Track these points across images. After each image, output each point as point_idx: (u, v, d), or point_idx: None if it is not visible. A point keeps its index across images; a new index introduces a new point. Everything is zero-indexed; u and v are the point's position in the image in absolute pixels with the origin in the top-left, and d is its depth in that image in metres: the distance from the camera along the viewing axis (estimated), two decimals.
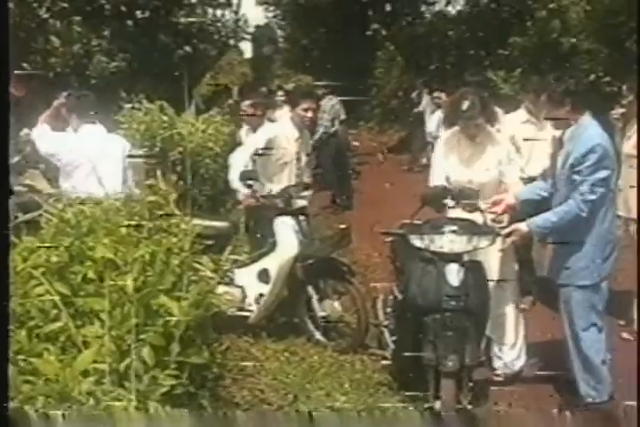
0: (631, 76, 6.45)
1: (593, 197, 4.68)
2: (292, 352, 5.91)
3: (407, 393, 5.04)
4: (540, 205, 5.12)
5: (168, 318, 2.98)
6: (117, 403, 2.37)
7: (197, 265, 3.57)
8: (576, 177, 4.73)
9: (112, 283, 3.01)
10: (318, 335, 6.14)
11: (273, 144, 6.54)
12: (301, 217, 6.24)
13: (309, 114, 6.62)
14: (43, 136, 6.14)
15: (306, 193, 6.65)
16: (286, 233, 6.08)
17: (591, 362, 4.94)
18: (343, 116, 13.42)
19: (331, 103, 13.12)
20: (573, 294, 4.92)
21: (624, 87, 6.43)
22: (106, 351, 2.65)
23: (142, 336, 2.86)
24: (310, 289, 6.07)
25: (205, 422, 2.62)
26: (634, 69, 11.35)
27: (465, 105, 5.17)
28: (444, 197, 5.11)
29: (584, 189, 4.68)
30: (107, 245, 3.29)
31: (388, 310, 5.64)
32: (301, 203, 6.51)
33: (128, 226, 3.64)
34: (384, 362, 5.45)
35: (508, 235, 4.94)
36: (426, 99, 15.41)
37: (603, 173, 4.69)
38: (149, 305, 3.01)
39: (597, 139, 4.76)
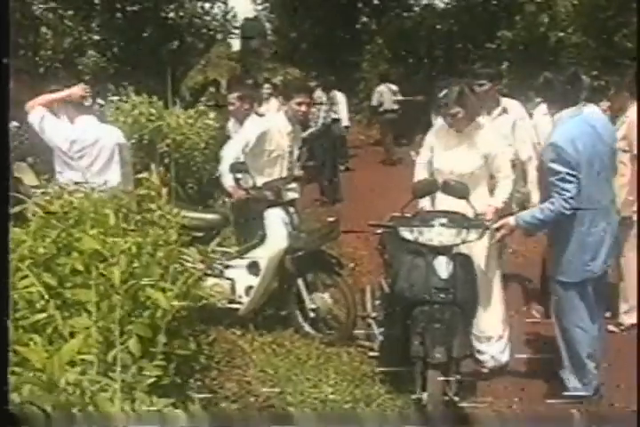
0: (616, 69, 6.47)
1: (570, 193, 4.70)
2: (280, 344, 5.92)
3: (394, 385, 5.08)
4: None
5: (154, 310, 2.99)
6: (103, 393, 2.39)
7: (184, 256, 3.58)
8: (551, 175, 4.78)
9: (99, 274, 3.02)
10: (308, 328, 6.16)
11: (265, 138, 6.57)
12: (291, 209, 6.26)
13: (303, 108, 6.64)
14: (47, 120, 6.06)
15: (295, 185, 6.67)
16: (276, 225, 6.08)
17: (576, 356, 4.99)
18: (344, 111, 13.54)
19: (327, 97, 13.18)
20: (560, 289, 4.97)
21: (610, 80, 6.42)
22: (92, 342, 2.66)
23: (129, 327, 2.87)
24: (300, 282, 6.09)
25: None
26: (619, 63, 11.44)
27: (442, 93, 5.25)
28: (433, 191, 5.16)
29: (562, 187, 4.71)
30: (94, 237, 3.30)
31: (377, 302, 5.68)
32: (291, 195, 6.53)
33: (116, 218, 3.64)
34: (371, 354, 5.48)
35: (498, 229, 4.97)
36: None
37: (566, 171, 4.70)
38: (136, 296, 3.02)
39: (558, 137, 4.79)
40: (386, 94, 16.45)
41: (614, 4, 12.60)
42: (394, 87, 16.68)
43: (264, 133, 6.54)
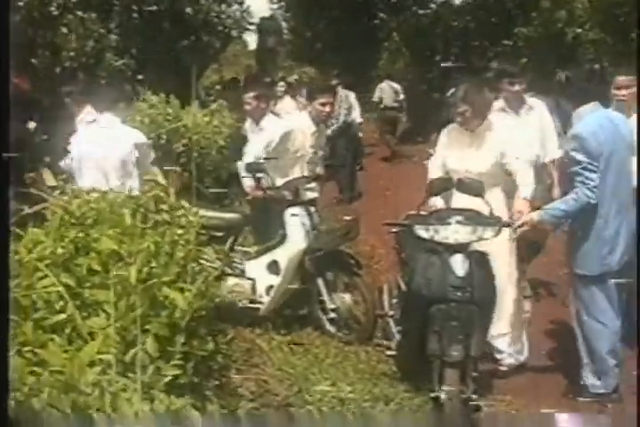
0: (629, 66, 6.40)
1: (594, 183, 4.77)
2: (298, 343, 5.93)
3: (412, 383, 5.07)
4: None
5: (172, 310, 2.99)
6: (122, 393, 2.40)
7: (203, 256, 3.59)
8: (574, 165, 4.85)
9: (116, 274, 3.02)
10: (330, 327, 6.16)
11: (289, 138, 6.60)
12: (311, 209, 6.25)
13: (327, 108, 6.66)
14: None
15: (314, 185, 6.67)
16: (296, 225, 6.08)
17: (596, 352, 4.97)
18: (357, 108, 13.50)
19: (345, 95, 13.20)
20: (579, 283, 4.96)
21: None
22: (111, 342, 2.67)
23: (147, 327, 2.88)
24: (320, 281, 6.08)
25: None
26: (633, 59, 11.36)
27: (449, 92, 5.25)
28: (448, 188, 5.14)
29: (587, 176, 4.77)
30: (111, 237, 3.31)
31: (394, 300, 5.66)
32: (311, 195, 6.53)
33: (133, 218, 3.65)
34: (389, 352, 5.46)
35: (521, 225, 4.95)
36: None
37: (590, 162, 4.80)
38: (154, 296, 3.03)
39: (581, 128, 4.93)
40: (386, 91, 16.57)
41: (630, 0, 12.53)
42: (395, 85, 16.79)
43: (287, 133, 6.57)
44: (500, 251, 5.22)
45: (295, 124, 6.72)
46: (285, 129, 6.61)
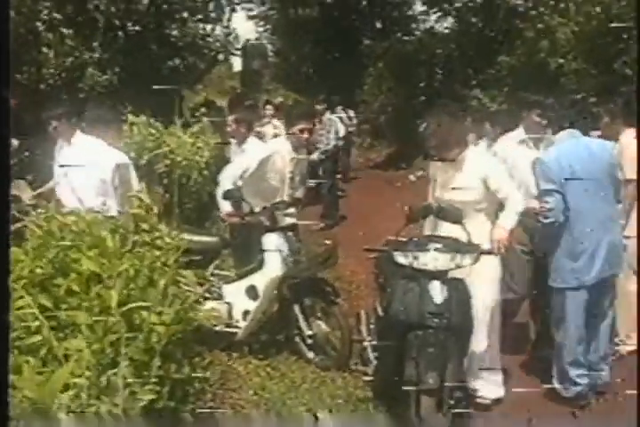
0: (610, 97, 6.49)
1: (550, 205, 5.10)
2: (274, 368, 5.90)
3: (389, 410, 5.04)
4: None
5: (150, 333, 2.97)
6: (95, 417, 2.37)
7: (181, 279, 3.57)
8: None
9: (95, 296, 3.00)
10: (308, 353, 6.13)
11: (267, 163, 6.54)
12: (290, 234, 6.24)
13: (306, 134, 6.61)
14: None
15: (292, 210, 6.64)
16: (273, 251, 6.05)
17: (561, 362, 5.24)
18: (342, 133, 13.53)
19: (332, 120, 13.27)
20: (551, 295, 5.29)
21: (601, 110, 6.44)
22: (86, 365, 2.65)
23: (124, 350, 2.85)
24: (296, 308, 6.06)
25: None
26: (616, 91, 11.48)
27: (422, 127, 5.24)
28: (427, 215, 5.15)
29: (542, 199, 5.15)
30: (92, 258, 3.29)
31: (372, 326, 5.64)
32: (290, 220, 6.50)
33: (113, 239, 3.63)
34: (366, 378, 5.44)
35: (495, 247, 4.95)
36: None
37: (546, 186, 5.15)
38: (132, 319, 3.01)
39: (545, 153, 5.40)
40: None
41: (614, 31, 12.65)
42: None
43: (266, 159, 6.52)
44: (479, 278, 5.19)
45: (274, 149, 6.69)
46: (264, 154, 6.58)
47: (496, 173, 5.28)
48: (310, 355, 6.10)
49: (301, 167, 6.95)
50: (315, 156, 12.59)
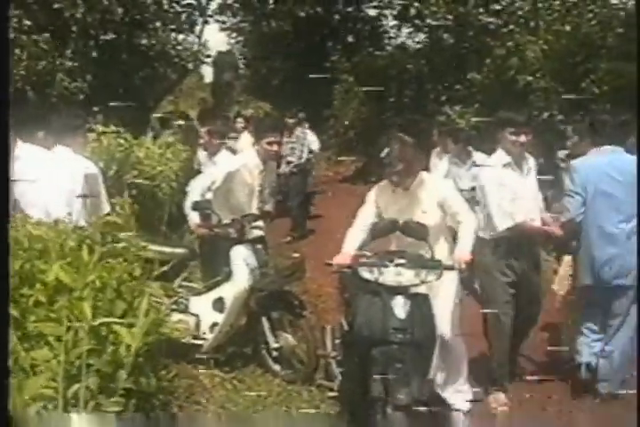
0: (577, 117, 6.63)
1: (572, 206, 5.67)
2: (240, 380, 5.88)
3: (354, 425, 5.02)
4: None
5: (118, 345, 2.96)
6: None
7: (149, 291, 3.55)
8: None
9: (63, 307, 2.99)
10: (274, 366, 6.11)
11: (235, 176, 6.51)
12: (258, 246, 6.23)
13: (274, 147, 6.59)
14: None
15: (260, 223, 6.63)
16: (241, 263, 6.06)
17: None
18: (314, 147, 13.50)
19: (303, 133, 13.26)
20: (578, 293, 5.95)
21: (569, 128, 6.59)
22: (53, 376, 2.63)
23: (89, 362, 2.84)
24: (264, 320, 6.05)
25: None
26: (585, 110, 11.66)
27: (384, 152, 5.15)
28: (392, 232, 5.14)
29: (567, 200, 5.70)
30: (62, 269, 3.27)
31: (337, 341, 5.64)
32: (257, 233, 6.49)
33: (80, 250, 3.61)
34: (331, 394, 5.45)
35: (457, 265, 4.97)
36: None
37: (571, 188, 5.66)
38: (100, 332, 3.00)
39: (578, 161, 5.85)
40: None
41: (583, 50, 12.83)
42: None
43: (234, 172, 6.49)
44: (442, 293, 5.22)
45: (242, 162, 6.67)
46: (232, 168, 6.56)
47: (452, 197, 5.34)
48: (277, 368, 6.10)
49: (270, 180, 6.96)
50: (286, 169, 12.64)
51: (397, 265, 4.79)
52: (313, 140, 13.44)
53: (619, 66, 11.76)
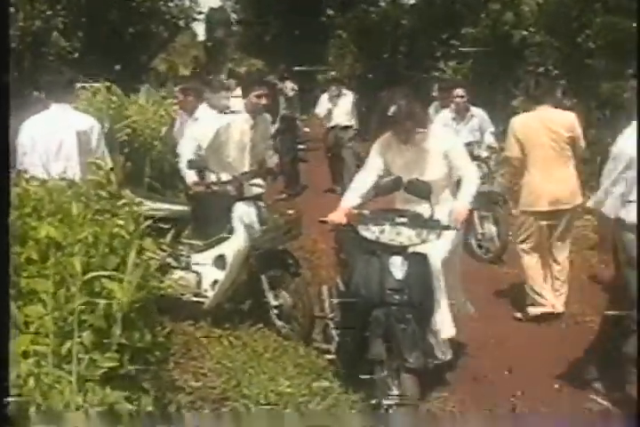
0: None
1: None
2: (237, 337, 5.90)
3: (350, 384, 4.99)
4: None
5: (110, 301, 2.95)
6: (57, 385, 2.36)
7: (140, 245, 3.53)
8: None
9: (55, 263, 2.97)
10: (277, 322, 6.11)
11: (226, 133, 6.47)
12: (259, 203, 6.20)
13: (263, 100, 6.52)
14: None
15: (259, 180, 6.59)
16: (242, 221, 6.04)
17: None
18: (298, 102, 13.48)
19: (288, 89, 13.23)
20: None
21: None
22: (47, 333, 2.62)
23: (84, 318, 2.83)
24: (263, 278, 6.05)
25: None
26: (582, 64, 11.59)
27: (391, 110, 5.06)
28: (397, 189, 5.05)
29: None
30: (52, 225, 3.25)
31: (334, 301, 5.48)
32: (257, 190, 6.46)
33: (75, 206, 3.58)
34: (328, 356, 5.36)
35: (454, 224, 4.96)
36: None
37: None
38: (92, 287, 2.98)
39: None
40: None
41: (579, 4, 12.70)
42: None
43: (224, 128, 6.44)
44: (444, 251, 5.17)
45: (230, 118, 6.61)
46: (220, 124, 6.50)
47: (456, 149, 5.32)
48: (279, 323, 6.09)
49: (263, 135, 6.87)
50: (276, 124, 12.65)
51: (398, 224, 4.72)
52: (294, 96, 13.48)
53: (614, 20, 11.64)
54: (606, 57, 11.32)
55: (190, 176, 6.45)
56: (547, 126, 6.33)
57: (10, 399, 2.25)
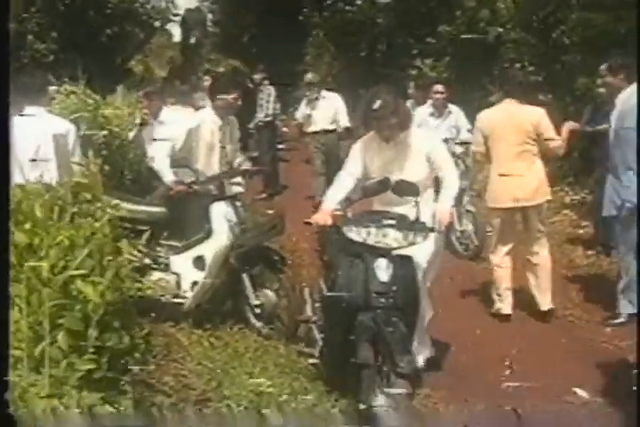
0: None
1: None
2: (218, 337, 5.89)
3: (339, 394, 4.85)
4: None
5: (85, 303, 2.94)
6: (32, 389, 2.35)
7: (114, 248, 3.53)
8: None
9: (29, 267, 2.96)
10: (257, 323, 6.10)
11: (196, 133, 6.45)
12: (237, 203, 6.19)
13: (232, 101, 6.54)
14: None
15: (239, 179, 6.59)
16: (222, 220, 6.03)
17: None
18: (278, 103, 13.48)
19: (268, 89, 13.27)
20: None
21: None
22: (22, 337, 2.62)
23: (60, 321, 2.82)
24: (244, 277, 6.04)
25: None
26: (559, 59, 11.66)
27: (376, 104, 4.97)
28: (384, 191, 4.95)
29: None
30: (25, 231, 3.24)
31: (317, 305, 5.45)
32: (236, 189, 6.46)
33: (50, 211, 3.58)
34: (312, 360, 5.30)
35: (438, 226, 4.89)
36: None
37: None
38: (68, 290, 2.97)
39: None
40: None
41: (553, 0, 12.76)
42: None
43: (194, 129, 6.43)
44: (428, 253, 5.12)
45: (200, 119, 6.60)
46: (190, 126, 6.48)
47: (438, 149, 5.28)
48: (258, 324, 6.09)
49: (233, 135, 6.84)
50: (251, 124, 12.69)
51: (385, 226, 4.66)
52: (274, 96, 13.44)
53: (589, 16, 11.70)
54: (581, 53, 11.36)
55: (170, 176, 6.41)
56: (512, 121, 6.31)
57: None
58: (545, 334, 6.16)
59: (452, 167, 5.30)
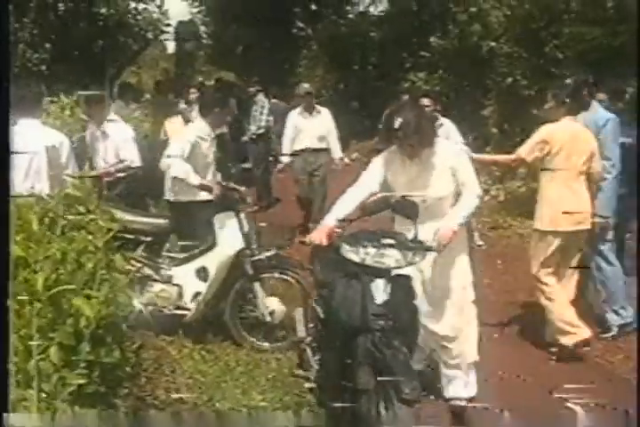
0: (551, 81, 6.63)
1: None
2: (209, 351, 5.87)
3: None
4: None
5: (78, 317, 2.92)
6: (24, 403, 2.33)
7: (115, 262, 3.52)
8: None
9: (22, 281, 2.95)
10: (249, 338, 6.10)
11: (197, 146, 6.52)
12: (242, 214, 6.15)
13: (221, 113, 6.63)
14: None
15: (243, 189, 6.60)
16: (227, 231, 6.02)
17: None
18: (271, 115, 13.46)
19: (261, 101, 13.27)
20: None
21: (549, 94, 6.33)
22: (12, 351, 2.60)
23: (52, 335, 2.81)
24: (256, 285, 6.02)
25: None
26: (552, 73, 11.69)
27: (397, 123, 4.73)
28: (384, 209, 4.80)
29: None
30: (18, 243, 3.22)
31: (310, 326, 5.25)
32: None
33: (41, 223, 3.56)
34: (308, 385, 5.04)
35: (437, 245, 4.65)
36: None
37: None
38: (60, 304, 2.96)
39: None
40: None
41: (546, 14, 12.81)
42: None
43: (196, 143, 6.47)
44: (425, 274, 4.97)
45: (195, 132, 6.63)
46: (191, 139, 6.49)
47: (463, 164, 4.99)
48: (250, 339, 6.08)
49: (228, 146, 6.90)
50: (245, 137, 12.71)
51: (384, 245, 4.45)
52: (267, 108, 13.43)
53: (582, 30, 11.77)
54: (574, 67, 11.40)
55: (196, 180, 6.34)
56: (575, 139, 5.99)
57: None
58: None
59: (474, 185, 4.97)
